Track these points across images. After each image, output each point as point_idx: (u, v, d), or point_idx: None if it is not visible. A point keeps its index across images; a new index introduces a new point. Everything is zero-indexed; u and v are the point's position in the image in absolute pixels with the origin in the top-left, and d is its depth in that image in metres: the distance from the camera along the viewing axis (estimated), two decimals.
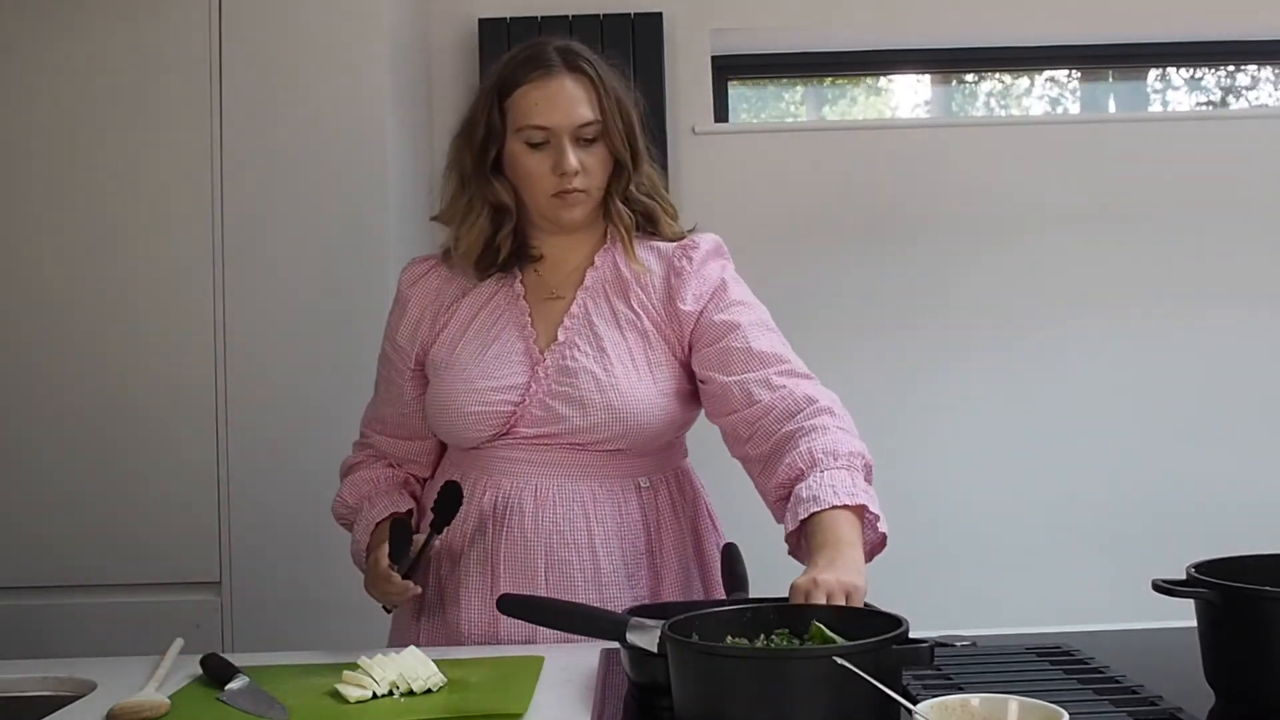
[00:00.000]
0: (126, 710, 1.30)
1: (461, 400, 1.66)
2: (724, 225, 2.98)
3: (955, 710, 1.02)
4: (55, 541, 2.45)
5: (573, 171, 1.65)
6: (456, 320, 1.72)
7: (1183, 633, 1.31)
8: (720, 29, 3.07)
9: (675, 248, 1.73)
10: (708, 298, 1.69)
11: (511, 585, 1.63)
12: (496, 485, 1.67)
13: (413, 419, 1.77)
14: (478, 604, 1.66)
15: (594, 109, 1.66)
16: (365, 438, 1.83)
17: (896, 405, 2.98)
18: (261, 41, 2.48)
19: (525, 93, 1.65)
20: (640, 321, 1.69)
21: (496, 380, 1.66)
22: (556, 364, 1.66)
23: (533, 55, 1.68)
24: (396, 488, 1.77)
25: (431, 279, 1.76)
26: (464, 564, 1.68)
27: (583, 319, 1.69)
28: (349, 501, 1.77)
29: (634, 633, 1.30)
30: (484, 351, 1.69)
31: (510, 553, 1.64)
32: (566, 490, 1.66)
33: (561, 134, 1.65)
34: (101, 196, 2.48)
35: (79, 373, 2.47)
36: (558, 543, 1.64)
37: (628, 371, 1.65)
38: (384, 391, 1.81)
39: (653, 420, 1.66)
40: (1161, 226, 3.01)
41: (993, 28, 3.15)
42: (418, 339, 1.74)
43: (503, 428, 1.66)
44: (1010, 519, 2.95)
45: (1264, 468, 2.95)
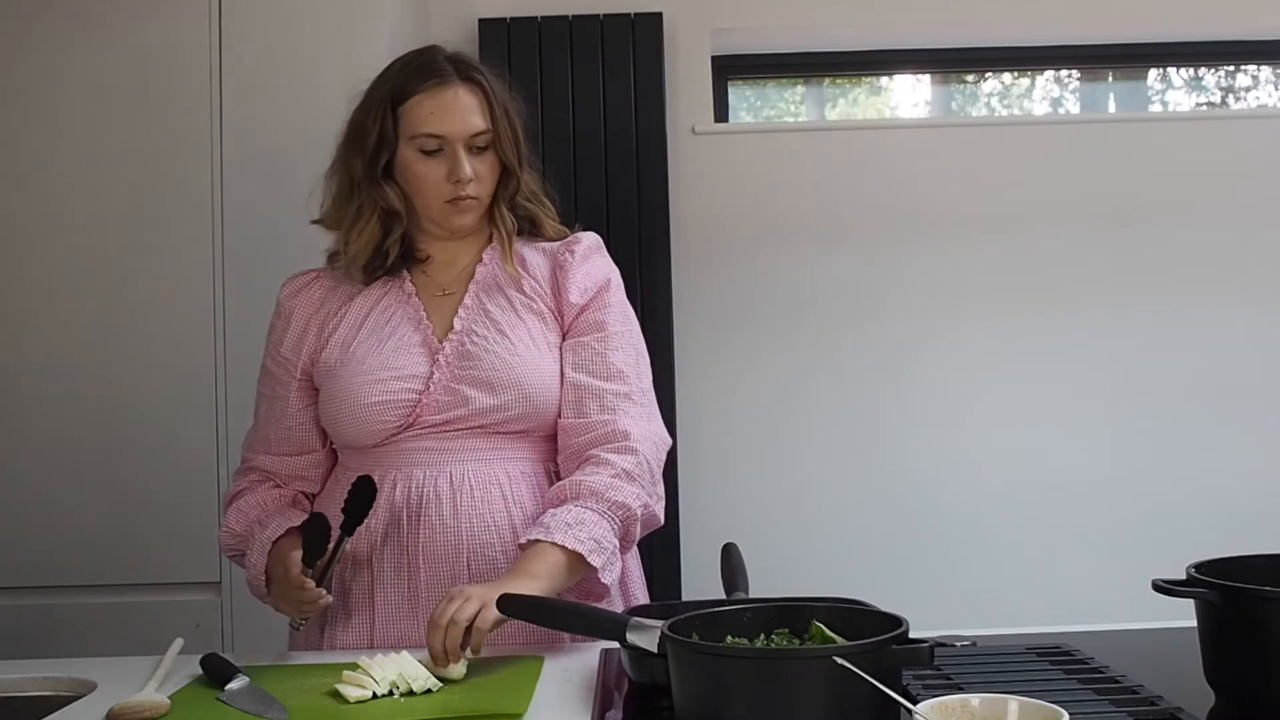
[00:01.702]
0: (126, 710, 1.30)
1: (363, 392, 1.66)
2: (724, 225, 3.03)
3: (955, 710, 1.02)
4: (55, 541, 2.45)
5: (468, 179, 1.68)
6: (347, 323, 1.73)
7: (1183, 633, 1.31)
8: (720, 29, 3.07)
9: (559, 245, 1.78)
10: (592, 292, 1.73)
11: (432, 577, 1.62)
12: (408, 477, 1.66)
13: (299, 432, 1.76)
14: (395, 603, 1.64)
15: (486, 118, 1.69)
16: (248, 462, 1.80)
17: (895, 405, 2.98)
18: (261, 41, 2.48)
19: (419, 101, 1.68)
20: (535, 304, 1.72)
21: (397, 370, 1.67)
22: (456, 350, 1.68)
23: (426, 64, 1.71)
24: (286, 507, 1.74)
25: (314, 289, 1.78)
26: (376, 564, 1.65)
27: (477, 309, 1.72)
28: (236, 530, 1.73)
29: (634, 633, 1.30)
30: (381, 346, 1.70)
31: (430, 543, 1.63)
32: (482, 474, 1.66)
33: (455, 142, 1.68)
34: (101, 196, 2.48)
35: (79, 373, 2.47)
36: (479, 527, 1.64)
37: (529, 349, 1.68)
38: (267, 409, 1.79)
39: (558, 397, 1.68)
40: (1161, 227, 3.01)
41: (993, 28, 3.15)
42: (304, 349, 1.75)
43: (407, 419, 1.66)
44: (1010, 519, 2.95)
45: (1264, 468, 2.96)
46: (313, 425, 1.76)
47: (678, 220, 2.95)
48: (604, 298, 1.74)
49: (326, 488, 1.77)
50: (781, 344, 2.99)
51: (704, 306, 2.98)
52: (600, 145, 2.89)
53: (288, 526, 1.68)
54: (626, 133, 2.90)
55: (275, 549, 1.66)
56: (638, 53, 2.92)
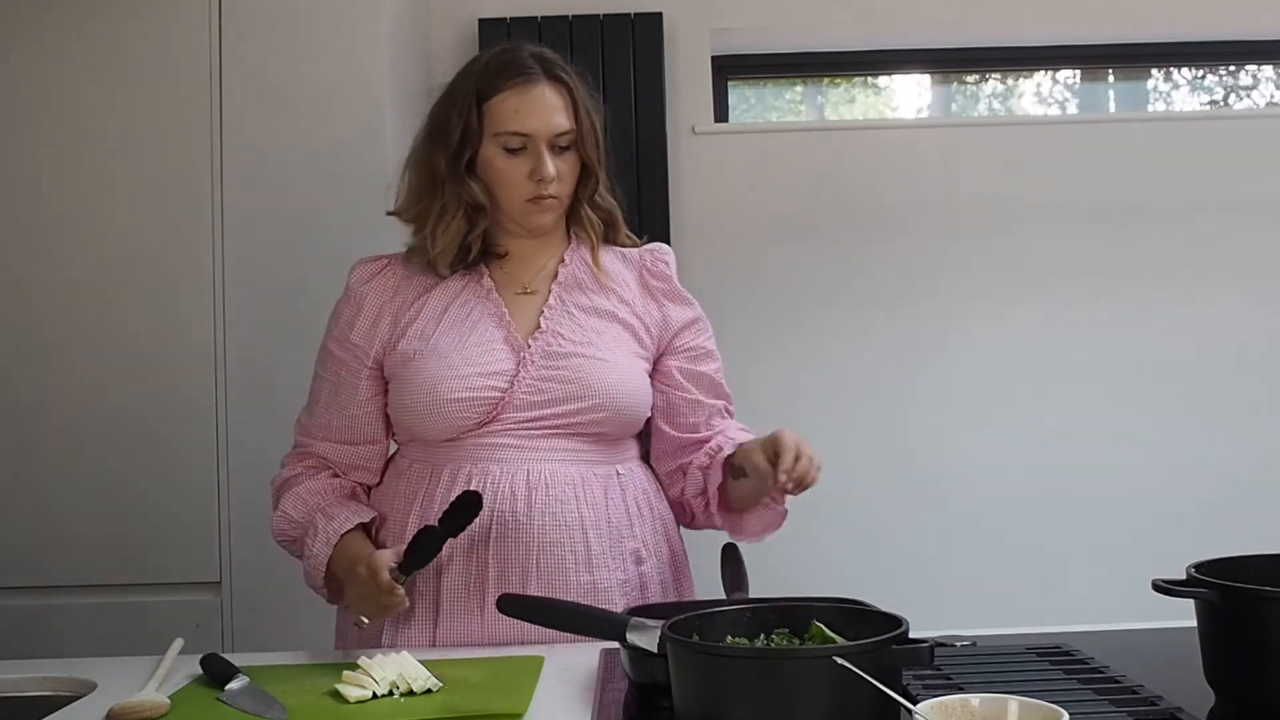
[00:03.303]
0: (126, 710, 1.30)
1: (445, 385, 1.64)
2: (724, 225, 3.02)
3: (955, 710, 1.02)
4: (55, 541, 2.45)
5: (550, 179, 1.68)
6: (426, 314, 1.72)
7: (1183, 633, 1.31)
8: (720, 29, 3.07)
9: (643, 252, 1.81)
10: (689, 311, 1.80)
11: (500, 571, 1.61)
12: (484, 472, 1.65)
13: (365, 421, 1.74)
14: (461, 595, 1.63)
15: (570, 118, 1.70)
16: (304, 447, 1.77)
17: (895, 405, 2.98)
18: (261, 41, 2.48)
19: (505, 99, 1.68)
20: (620, 312, 1.74)
21: (481, 366, 1.66)
22: (543, 350, 1.68)
23: (511, 61, 1.70)
24: (348, 498, 1.72)
25: (387, 277, 1.76)
26: (445, 560, 1.63)
27: (561, 309, 1.72)
28: (294, 516, 1.69)
29: (634, 633, 1.30)
30: (464, 340, 1.68)
31: (500, 540, 1.62)
32: (558, 474, 1.66)
33: (540, 141, 1.68)
34: (101, 197, 2.48)
35: (79, 373, 2.46)
36: (550, 524, 1.63)
37: (615, 355, 1.69)
38: (330, 395, 1.75)
39: (640, 404, 1.71)
40: (1161, 227, 3.01)
41: (993, 28, 3.15)
42: (377, 336, 1.72)
43: (488, 415, 1.65)
44: (1010, 519, 2.95)
45: (1264, 468, 2.96)
46: (379, 415, 1.74)
47: (678, 220, 2.95)
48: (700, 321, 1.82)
49: (387, 480, 1.74)
50: (781, 343, 2.99)
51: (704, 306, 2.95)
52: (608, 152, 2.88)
53: (356, 521, 1.66)
54: (626, 133, 2.89)
55: (343, 544, 1.64)
56: (638, 53, 2.92)
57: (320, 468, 1.75)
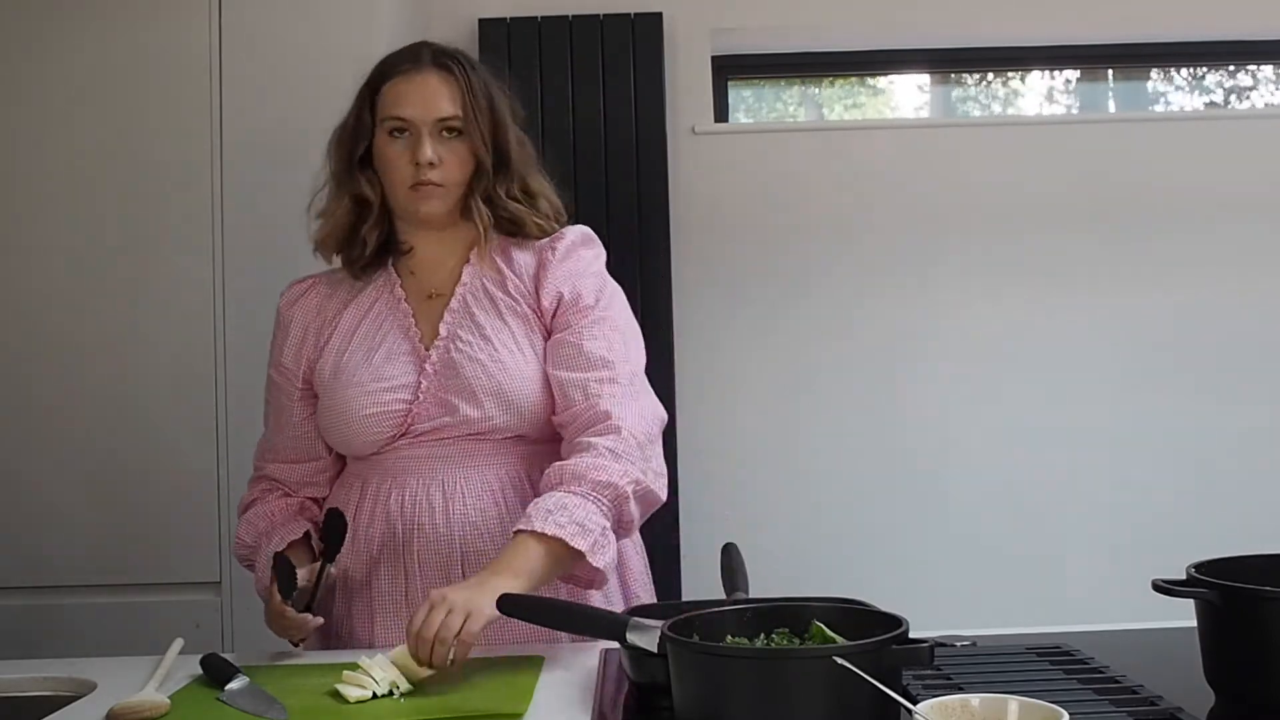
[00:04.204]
0: (126, 710, 1.30)
1: (355, 404, 1.67)
2: (724, 225, 3.02)
3: (955, 710, 1.02)
4: (55, 541, 2.45)
5: (426, 162, 1.66)
6: (340, 331, 1.74)
7: (1183, 633, 1.31)
8: (720, 29, 3.07)
9: (546, 240, 1.76)
10: (562, 286, 1.71)
11: (426, 584, 1.62)
12: (402, 485, 1.66)
13: (304, 441, 1.77)
14: (392, 611, 1.65)
15: (455, 105, 1.68)
16: (259, 470, 1.82)
17: (894, 405, 2.98)
18: (261, 41, 2.48)
19: (392, 85, 1.70)
20: (519, 306, 1.71)
21: (387, 381, 1.67)
22: (442, 358, 1.68)
23: (405, 52, 1.73)
24: (292, 517, 1.76)
25: (311, 297, 1.79)
26: (373, 573, 1.67)
27: (463, 312, 1.71)
28: (247, 541, 1.76)
29: (634, 633, 1.30)
30: (371, 356, 1.70)
31: (424, 551, 1.64)
32: (474, 482, 1.66)
33: (420, 125, 1.68)
34: (101, 197, 2.48)
35: (79, 373, 2.46)
36: (472, 534, 1.64)
37: (513, 355, 1.67)
38: (274, 419, 1.81)
39: (544, 402, 1.67)
40: (1161, 227, 3.00)
41: (993, 28, 3.15)
42: (303, 358, 1.76)
43: (399, 428, 1.66)
44: (1010, 518, 2.95)
45: (1264, 468, 2.95)
46: (317, 433, 1.76)
47: (678, 220, 2.95)
48: (580, 287, 1.71)
49: (333, 492, 1.77)
50: (781, 343, 2.99)
51: (704, 306, 2.98)
52: (600, 145, 2.89)
53: (290, 539, 1.71)
54: (626, 133, 2.89)
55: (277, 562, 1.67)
56: (638, 53, 2.92)
57: (272, 489, 1.80)
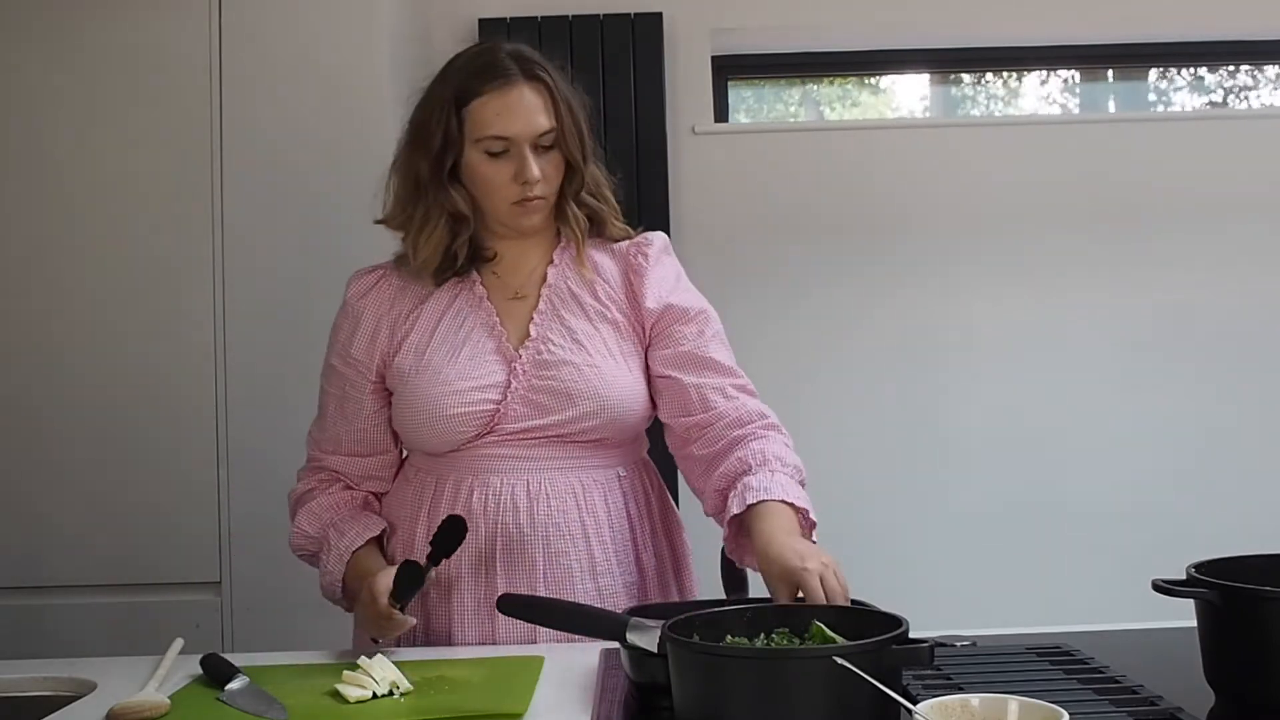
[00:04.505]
0: (126, 710, 1.30)
1: (442, 403, 1.65)
2: (724, 225, 3.02)
3: (955, 710, 1.02)
4: (55, 541, 2.45)
5: (535, 181, 1.65)
6: (420, 327, 1.71)
7: (1183, 633, 1.31)
8: (720, 29, 3.07)
9: (629, 245, 1.75)
10: (667, 296, 1.71)
11: (508, 582, 1.63)
12: (485, 484, 1.66)
13: (372, 434, 1.75)
14: (471, 607, 1.65)
15: (551, 117, 1.66)
16: (316, 461, 1.79)
17: (895, 405, 2.98)
18: (261, 41, 2.48)
19: (484, 103, 1.65)
20: (609, 313, 1.71)
21: (475, 380, 1.66)
22: (533, 359, 1.67)
23: (489, 63, 1.67)
24: (360, 511, 1.74)
25: (383, 289, 1.75)
26: (454, 570, 1.65)
27: (551, 314, 1.70)
28: (310, 532, 1.73)
29: (634, 633, 1.30)
30: (456, 354, 1.68)
31: (506, 549, 1.64)
32: (558, 483, 1.66)
33: (522, 143, 1.65)
34: (101, 196, 2.48)
35: (79, 372, 2.46)
36: (554, 534, 1.64)
37: (606, 359, 1.67)
38: (337, 409, 1.76)
39: (635, 407, 1.68)
40: (1161, 227, 3.00)
41: (993, 28, 3.15)
42: (376, 351, 1.73)
43: (484, 428, 1.65)
44: (1011, 518, 2.95)
45: (1265, 468, 2.96)
46: (386, 427, 1.75)
47: (678, 220, 2.95)
48: (684, 298, 1.73)
49: (396, 488, 1.76)
50: (781, 344, 2.98)
51: None
52: (600, 145, 2.88)
53: (367, 536, 1.69)
54: (626, 133, 2.89)
55: (354, 559, 1.67)
56: (638, 53, 2.92)
57: (333, 480, 1.77)
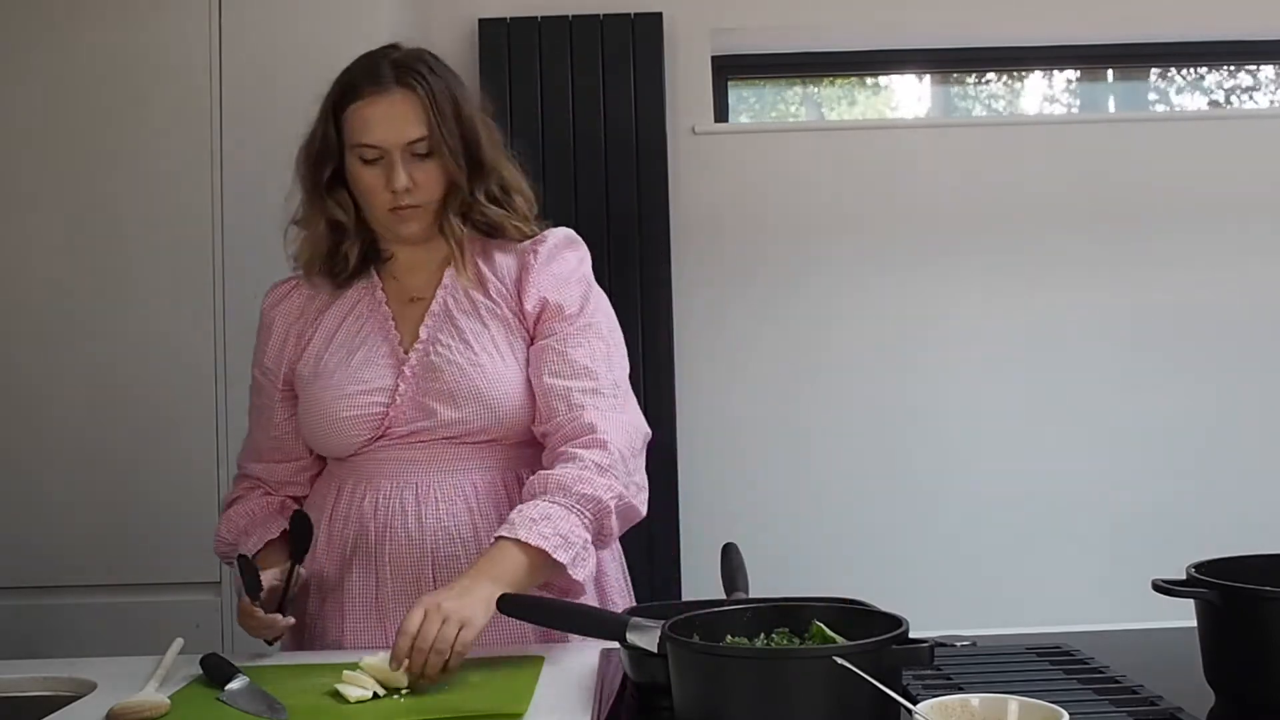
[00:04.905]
0: (126, 710, 1.30)
1: (333, 407, 1.66)
2: (724, 225, 3.02)
3: (955, 710, 1.02)
4: (55, 541, 2.45)
5: (402, 189, 1.64)
6: (320, 333, 1.73)
7: (1183, 633, 1.31)
8: (720, 29, 3.07)
9: (528, 243, 1.73)
10: (546, 291, 1.69)
11: (398, 587, 1.62)
12: (376, 488, 1.66)
13: (286, 441, 1.77)
14: (361, 612, 1.65)
15: (423, 124, 1.64)
16: (242, 469, 1.83)
17: (895, 405, 2.98)
18: (261, 42, 2.48)
19: (358, 109, 1.65)
20: (500, 310, 1.70)
21: (365, 384, 1.66)
22: (421, 361, 1.67)
23: (366, 69, 1.67)
24: (271, 516, 1.76)
25: (294, 298, 1.77)
26: (345, 575, 1.66)
27: (443, 315, 1.70)
28: (227, 538, 1.76)
29: (634, 633, 1.30)
30: (350, 358, 1.69)
31: (395, 555, 1.64)
32: (447, 486, 1.65)
33: (393, 151, 1.64)
34: (101, 196, 2.48)
35: (79, 372, 2.47)
36: (444, 539, 1.63)
37: (493, 359, 1.66)
38: (256, 419, 1.80)
39: (523, 405, 1.66)
40: (1161, 227, 3.01)
41: (993, 28, 3.15)
42: (284, 359, 1.75)
43: (377, 431, 1.65)
44: (1010, 519, 2.95)
45: (1265, 468, 2.96)
46: (298, 433, 1.76)
47: (678, 220, 2.95)
48: (565, 294, 1.70)
49: (313, 491, 1.77)
50: (781, 343, 2.99)
51: (704, 306, 2.98)
52: (600, 145, 2.89)
53: (267, 539, 1.71)
54: (626, 133, 2.90)
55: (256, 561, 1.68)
56: (638, 53, 2.92)
57: (254, 488, 1.80)
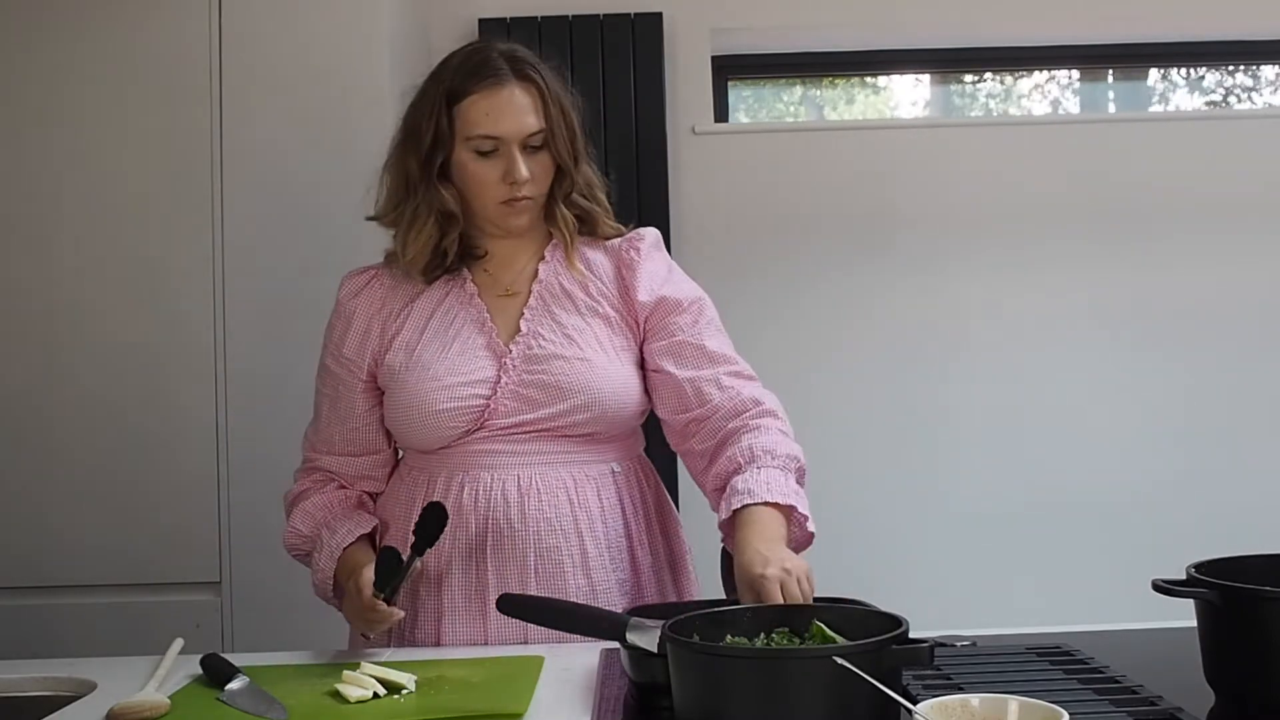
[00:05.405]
0: (126, 710, 1.30)
1: (431, 399, 1.65)
2: (724, 225, 3.03)
3: (955, 710, 1.02)
4: (55, 541, 2.45)
5: (523, 181, 1.66)
6: (410, 325, 1.72)
7: (1183, 633, 1.31)
8: (720, 29, 3.07)
9: (621, 241, 1.76)
10: (660, 288, 1.72)
11: (499, 578, 1.62)
12: (475, 479, 1.65)
13: (365, 433, 1.75)
14: (462, 604, 1.65)
15: (540, 117, 1.67)
16: (311, 461, 1.79)
17: (895, 405, 2.98)
18: (261, 41, 2.48)
19: (474, 102, 1.66)
20: (601, 307, 1.71)
21: (464, 375, 1.66)
22: (523, 354, 1.67)
23: (481, 63, 1.68)
24: (353, 509, 1.74)
25: (375, 288, 1.76)
26: (445, 566, 1.66)
27: (542, 310, 1.70)
28: (304, 531, 1.74)
29: (634, 633, 1.30)
30: (446, 350, 1.68)
31: (497, 544, 1.64)
32: (549, 478, 1.66)
33: (511, 143, 1.66)
34: (101, 197, 2.48)
35: (79, 373, 2.46)
36: (545, 530, 1.64)
37: (597, 353, 1.67)
38: (330, 409, 1.77)
39: (627, 401, 1.68)
40: (1161, 227, 3.01)
41: (993, 28, 3.15)
42: (367, 350, 1.73)
43: (475, 423, 1.65)
44: (1010, 519, 2.95)
45: (1264, 468, 2.96)
46: (378, 426, 1.75)
47: (678, 220, 2.95)
48: (680, 290, 1.73)
49: (390, 486, 1.76)
50: (781, 344, 2.98)
51: None
52: (600, 145, 2.88)
53: (358, 534, 1.69)
54: (626, 133, 2.90)
55: (345, 556, 1.67)
56: (638, 53, 2.92)
57: (327, 480, 1.77)
